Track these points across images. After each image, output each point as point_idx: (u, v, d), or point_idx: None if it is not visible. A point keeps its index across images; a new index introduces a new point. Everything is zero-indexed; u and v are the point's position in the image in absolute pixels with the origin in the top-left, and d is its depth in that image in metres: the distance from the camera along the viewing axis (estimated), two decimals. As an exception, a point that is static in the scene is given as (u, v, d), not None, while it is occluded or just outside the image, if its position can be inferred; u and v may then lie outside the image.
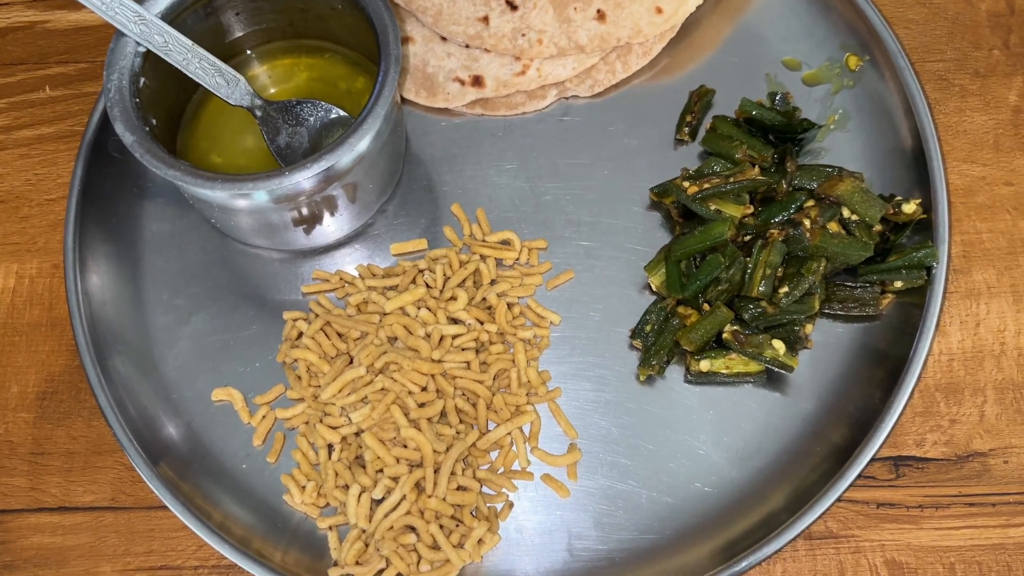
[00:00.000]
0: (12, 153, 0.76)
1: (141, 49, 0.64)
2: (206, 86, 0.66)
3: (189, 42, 0.65)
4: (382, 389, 0.63)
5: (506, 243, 0.71)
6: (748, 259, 0.65)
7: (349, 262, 0.72)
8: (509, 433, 0.64)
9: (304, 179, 0.61)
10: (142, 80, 0.64)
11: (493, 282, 0.69)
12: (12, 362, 0.70)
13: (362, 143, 0.62)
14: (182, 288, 0.70)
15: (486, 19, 0.72)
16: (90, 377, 0.66)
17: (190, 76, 0.65)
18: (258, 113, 0.68)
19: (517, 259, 0.70)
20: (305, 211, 0.66)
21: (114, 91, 0.62)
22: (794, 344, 0.65)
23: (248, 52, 0.73)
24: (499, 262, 0.70)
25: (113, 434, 0.65)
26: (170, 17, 0.65)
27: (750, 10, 0.76)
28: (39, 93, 0.78)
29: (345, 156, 0.61)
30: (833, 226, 0.65)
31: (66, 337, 0.70)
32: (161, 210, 0.72)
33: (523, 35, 0.72)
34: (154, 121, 0.65)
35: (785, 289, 0.63)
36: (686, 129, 0.72)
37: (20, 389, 0.69)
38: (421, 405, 0.63)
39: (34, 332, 0.70)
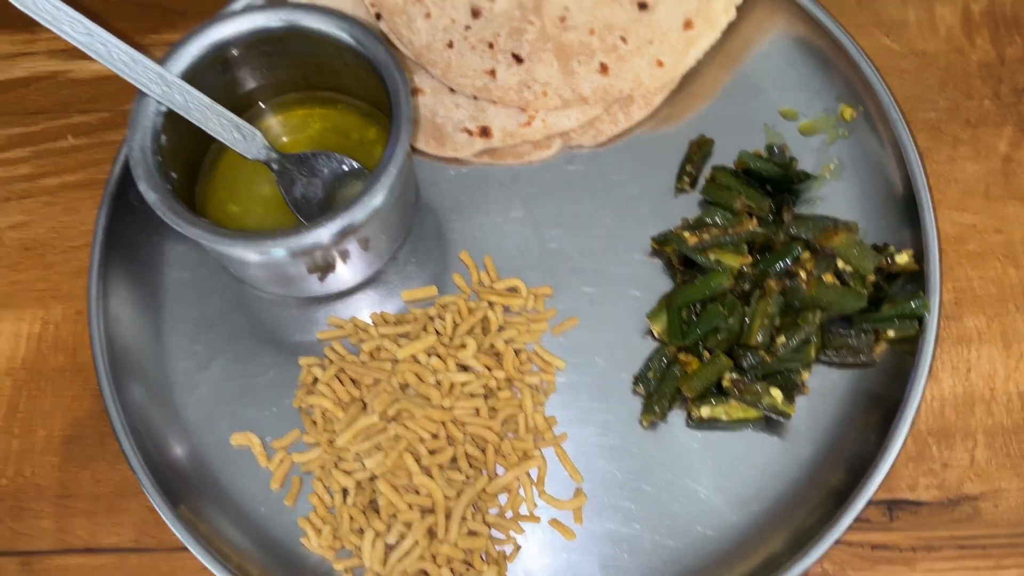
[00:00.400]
0: (37, 201, 0.79)
1: (163, 108, 0.66)
2: (224, 142, 0.68)
3: (208, 100, 0.67)
4: (395, 436, 0.65)
5: (513, 290, 0.73)
6: (747, 308, 0.67)
7: (363, 307, 0.74)
8: (517, 478, 0.67)
9: (322, 236, 0.63)
10: (163, 137, 0.67)
11: (501, 328, 0.71)
12: (39, 407, 0.72)
13: (376, 199, 0.64)
14: (202, 334, 0.73)
15: (493, 72, 0.75)
16: (113, 422, 0.69)
17: (208, 132, 0.68)
18: (275, 166, 0.71)
19: (524, 305, 0.73)
20: (320, 262, 0.69)
21: (137, 150, 0.65)
22: (791, 391, 0.67)
23: (263, 104, 0.75)
24: (506, 308, 0.73)
25: (136, 477, 0.67)
26: (189, 75, 0.68)
27: (748, 61, 0.78)
28: (62, 142, 0.80)
29: (361, 213, 0.64)
30: (828, 277, 0.68)
31: (90, 382, 0.73)
32: (181, 257, 0.75)
33: (529, 87, 0.75)
34: (174, 175, 0.68)
35: (782, 339, 0.66)
36: (686, 179, 0.75)
37: (46, 433, 0.72)
38: (432, 452, 0.65)
39: (59, 377, 0.73)
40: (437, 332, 0.71)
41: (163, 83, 0.66)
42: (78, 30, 0.63)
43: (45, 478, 0.70)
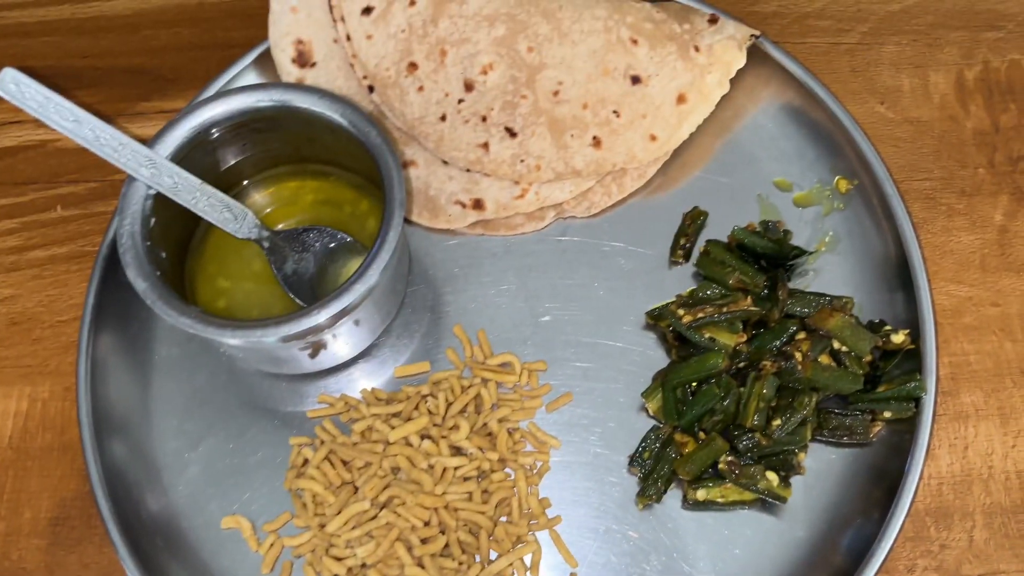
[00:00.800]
0: (25, 274, 0.78)
1: (152, 192, 0.66)
2: (214, 222, 0.68)
3: (197, 181, 0.67)
4: (386, 524, 0.64)
5: (507, 365, 0.73)
6: (742, 389, 0.67)
7: (355, 379, 0.74)
8: (511, 564, 0.66)
9: (314, 322, 0.63)
10: (152, 220, 0.66)
11: (494, 406, 0.71)
12: (25, 487, 0.71)
13: (370, 282, 0.64)
14: (192, 411, 0.72)
15: (486, 145, 0.75)
16: (99, 504, 0.67)
17: (198, 214, 0.67)
18: (266, 244, 0.70)
19: (517, 382, 0.72)
20: (312, 343, 0.68)
21: (126, 236, 0.64)
22: (788, 471, 0.67)
23: (253, 178, 0.75)
24: (500, 385, 0.72)
25: (122, 564, 0.66)
26: (179, 156, 0.67)
27: (741, 130, 0.78)
28: (51, 213, 0.80)
29: (354, 296, 0.63)
30: (824, 358, 0.67)
31: (77, 462, 0.72)
32: (170, 334, 0.74)
33: (522, 161, 0.74)
34: (163, 255, 0.67)
35: (778, 422, 0.65)
36: (680, 252, 0.74)
37: (33, 515, 0.71)
38: (424, 541, 0.64)
39: (47, 456, 0.72)
40: (429, 411, 0.70)
41: (152, 166, 0.65)
42: (66, 117, 0.63)
43: (31, 561, 0.69)
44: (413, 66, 0.75)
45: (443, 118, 0.75)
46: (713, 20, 0.76)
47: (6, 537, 0.70)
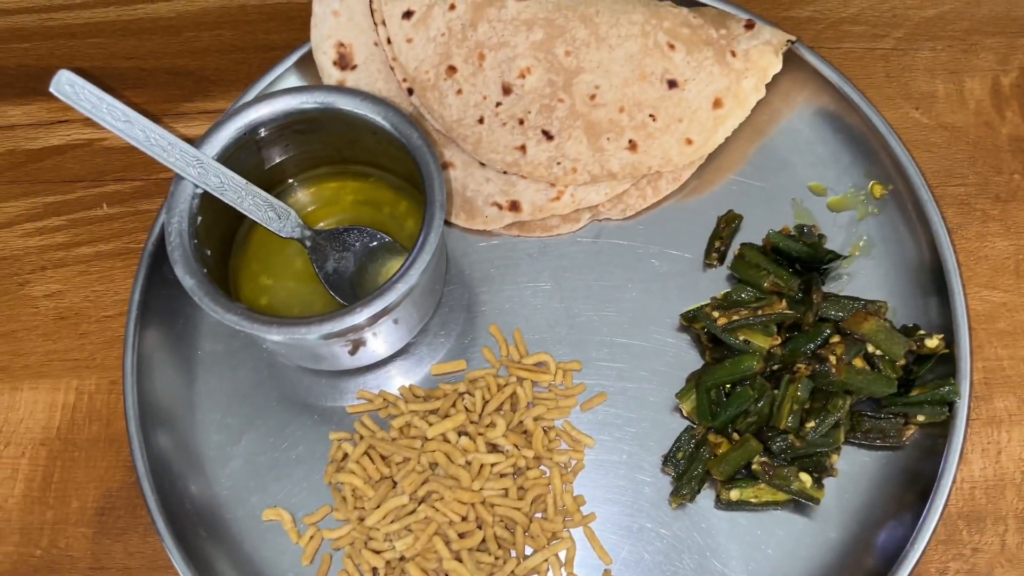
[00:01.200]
0: (72, 270, 0.80)
1: (199, 191, 0.67)
2: (258, 221, 0.69)
3: (243, 181, 0.68)
4: (425, 519, 0.66)
5: (542, 365, 0.74)
6: (776, 391, 0.68)
7: (392, 377, 0.75)
8: (546, 560, 0.67)
9: (356, 320, 0.64)
10: (199, 218, 0.68)
11: (530, 405, 0.72)
12: (72, 477, 0.73)
13: (411, 282, 0.65)
14: (234, 407, 0.74)
15: (523, 148, 0.76)
16: (146, 494, 0.69)
17: (243, 212, 0.69)
18: (308, 244, 0.71)
19: (552, 381, 0.73)
20: (351, 340, 0.69)
21: (174, 235, 0.66)
22: (820, 473, 0.67)
23: (295, 178, 0.76)
24: (535, 384, 0.73)
25: (167, 552, 0.68)
26: (225, 156, 0.69)
27: (776, 135, 0.79)
28: (97, 211, 0.82)
29: (395, 295, 0.64)
30: (858, 362, 0.68)
31: (123, 453, 0.74)
32: (213, 330, 0.76)
33: (558, 163, 0.75)
34: (208, 252, 0.69)
35: (812, 424, 0.66)
36: (715, 254, 0.75)
37: (80, 504, 0.73)
38: (462, 535, 0.66)
39: (93, 448, 0.74)
40: (466, 409, 0.71)
41: (199, 166, 0.67)
42: (118, 117, 0.64)
43: (78, 549, 0.71)
44: (452, 69, 0.77)
45: (481, 121, 0.76)
46: (749, 25, 0.77)
47: (54, 526, 0.72)
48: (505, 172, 0.77)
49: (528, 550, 0.68)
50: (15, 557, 0.71)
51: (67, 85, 0.63)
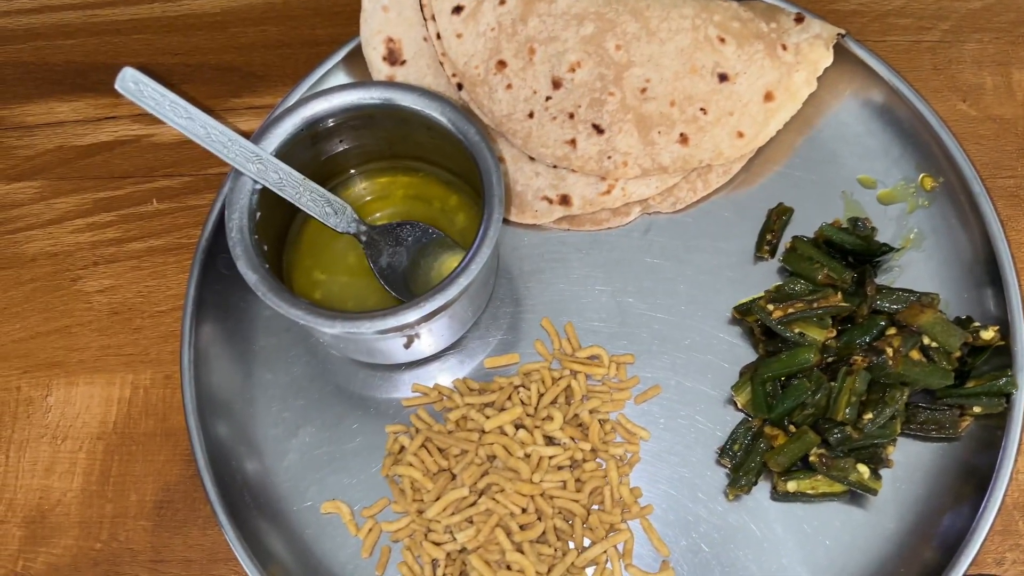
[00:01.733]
0: (124, 265, 0.80)
1: (257, 186, 0.68)
2: (316, 216, 0.70)
3: (300, 176, 0.69)
4: (486, 511, 0.66)
5: (595, 358, 0.74)
6: (832, 384, 0.68)
7: (445, 370, 0.75)
8: (605, 551, 0.67)
9: (415, 316, 0.64)
10: (258, 214, 0.68)
11: (585, 398, 0.72)
12: (130, 471, 0.74)
13: (470, 278, 0.65)
14: (290, 401, 0.74)
15: (573, 142, 0.76)
16: (207, 487, 0.70)
17: (300, 208, 0.69)
18: (363, 238, 0.72)
19: (606, 374, 0.73)
20: (407, 335, 0.70)
21: (236, 230, 0.66)
22: (877, 464, 0.68)
23: (349, 172, 0.77)
24: (588, 377, 0.74)
25: (228, 544, 0.69)
26: (282, 152, 0.69)
27: (824, 128, 0.79)
28: (147, 206, 0.82)
29: (455, 291, 0.65)
30: (914, 354, 0.68)
31: (179, 447, 0.74)
32: (267, 324, 0.76)
33: (609, 157, 0.76)
34: (265, 247, 0.69)
35: (869, 416, 0.66)
36: (766, 247, 0.75)
37: (138, 498, 0.73)
38: (523, 527, 0.66)
39: (150, 442, 0.75)
40: (522, 402, 0.71)
41: (259, 161, 0.67)
42: (179, 114, 0.65)
43: (138, 543, 0.72)
44: (502, 64, 0.77)
45: (531, 115, 0.76)
46: (799, 19, 0.77)
47: (114, 519, 0.73)
48: (555, 166, 0.77)
49: (586, 542, 0.68)
50: (75, 551, 0.72)
51: (131, 82, 0.64)
